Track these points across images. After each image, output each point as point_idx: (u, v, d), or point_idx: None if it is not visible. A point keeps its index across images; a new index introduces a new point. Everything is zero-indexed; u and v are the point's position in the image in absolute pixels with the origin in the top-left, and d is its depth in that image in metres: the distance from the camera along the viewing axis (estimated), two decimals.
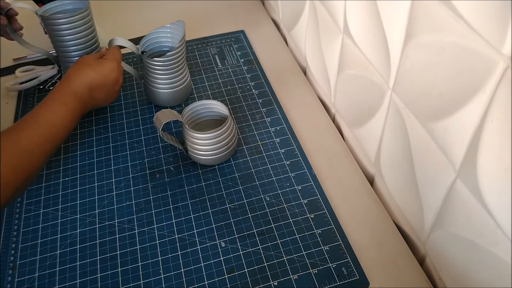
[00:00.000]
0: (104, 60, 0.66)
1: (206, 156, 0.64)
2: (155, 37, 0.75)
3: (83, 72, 0.63)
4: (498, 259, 0.40)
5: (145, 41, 0.74)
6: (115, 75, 0.66)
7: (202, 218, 0.61)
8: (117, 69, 0.66)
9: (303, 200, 0.62)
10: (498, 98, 0.36)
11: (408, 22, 0.45)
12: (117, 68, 0.66)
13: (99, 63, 0.65)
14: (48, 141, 0.56)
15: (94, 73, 0.63)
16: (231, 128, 0.65)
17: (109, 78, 0.65)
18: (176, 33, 0.74)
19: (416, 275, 0.55)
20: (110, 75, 0.65)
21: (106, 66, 0.65)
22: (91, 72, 0.63)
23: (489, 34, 0.35)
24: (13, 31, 0.75)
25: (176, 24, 0.74)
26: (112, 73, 0.65)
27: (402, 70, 0.50)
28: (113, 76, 0.65)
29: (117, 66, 0.66)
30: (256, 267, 0.56)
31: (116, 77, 0.66)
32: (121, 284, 0.55)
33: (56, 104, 0.59)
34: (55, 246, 0.59)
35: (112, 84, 0.66)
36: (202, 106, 0.68)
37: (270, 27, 0.96)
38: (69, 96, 0.61)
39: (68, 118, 0.59)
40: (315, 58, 0.78)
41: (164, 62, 0.70)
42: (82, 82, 0.62)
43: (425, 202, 0.52)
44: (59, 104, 0.59)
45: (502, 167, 0.37)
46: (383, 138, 0.59)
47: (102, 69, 0.64)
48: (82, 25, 0.72)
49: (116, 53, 0.68)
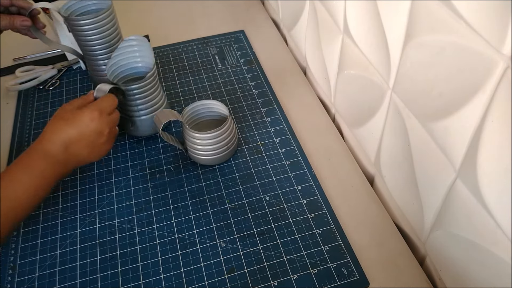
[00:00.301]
0: (83, 110, 0.58)
1: (206, 156, 0.64)
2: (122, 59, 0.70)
3: (57, 128, 0.56)
4: (498, 259, 0.40)
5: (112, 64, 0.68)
6: (95, 126, 0.57)
7: (202, 218, 0.61)
8: (98, 118, 0.57)
9: (303, 200, 0.62)
10: (498, 98, 0.36)
11: (408, 22, 0.45)
12: (98, 117, 0.58)
13: (75, 115, 0.57)
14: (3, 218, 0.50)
15: (70, 127, 0.56)
16: (231, 128, 0.65)
17: (88, 129, 0.57)
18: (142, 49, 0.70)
19: (416, 275, 0.55)
20: (89, 127, 0.57)
21: (83, 117, 0.57)
22: (66, 127, 0.56)
23: (489, 34, 0.35)
24: (36, 30, 0.75)
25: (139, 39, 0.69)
26: (92, 124, 0.57)
27: (402, 70, 0.50)
28: (93, 127, 0.57)
29: (98, 115, 0.57)
30: (256, 267, 0.56)
31: (96, 128, 0.57)
32: (121, 284, 0.55)
33: (20, 172, 0.53)
34: (55, 246, 0.59)
35: (94, 136, 0.57)
36: (202, 106, 0.68)
37: (270, 27, 0.96)
38: (39, 159, 0.54)
39: (32, 186, 0.52)
40: (315, 58, 0.78)
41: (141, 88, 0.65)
42: (56, 140, 0.55)
43: (425, 202, 0.52)
44: (23, 170, 0.53)
45: (502, 167, 0.37)
46: (383, 138, 0.59)
47: (79, 121, 0.56)
48: (106, 25, 0.71)
49: (101, 102, 0.60)
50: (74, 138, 0.56)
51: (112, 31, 0.73)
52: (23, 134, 0.74)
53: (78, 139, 0.56)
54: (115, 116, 0.62)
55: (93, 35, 0.71)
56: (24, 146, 0.72)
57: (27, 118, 0.77)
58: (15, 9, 0.75)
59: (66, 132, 0.56)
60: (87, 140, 0.57)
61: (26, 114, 0.78)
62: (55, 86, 0.83)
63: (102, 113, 0.58)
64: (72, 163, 0.57)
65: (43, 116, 0.77)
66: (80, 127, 0.56)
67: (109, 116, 0.60)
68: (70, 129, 0.56)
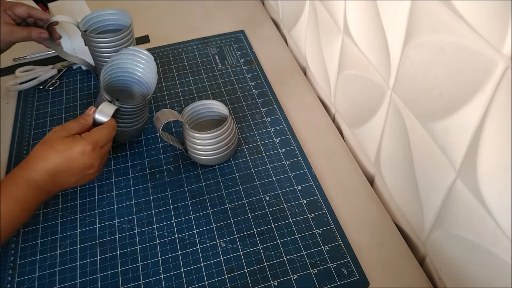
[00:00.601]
0: (76, 140, 0.54)
1: (206, 156, 0.64)
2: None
3: (44, 157, 0.53)
4: (498, 259, 0.40)
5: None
6: (84, 160, 0.54)
7: (202, 218, 0.61)
8: (90, 152, 0.55)
9: (303, 200, 0.62)
10: (498, 98, 0.36)
11: (408, 22, 0.45)
12: (90, 151, 0.55)
13: (67, 145, 0.54)
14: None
15: (58, 157, 0.53)
16: (231, 128, 0.65)
17: (78, 162, 0.54)
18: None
19: (416, 275, 0.55)
20: (79, 160, 0.54)
21: (75, 149, 0.54)
22: (55, 157, 0.53)
23: (489, 34, 0.35)
24: (52, 42, 0.75)
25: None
26: (82, 158, 0.54)
27: (402, 70, 0.50)
28: (83, 160, 0.54)
29: (90, 150, 0.55)
30: (256, 267, 0.56)
31: (87, 162, 0.55)
32: (121, 284, 0.55)
33: (2, 199, 0.50)
34: (55, 246, 0.59)
35: (83, 168, 0.55)
36: (202, 106, 0.68)
37: (270, 27, 0.96)
38: (22, 186, 0.52)
39: (14, 213, 0.51)
40: (315, 58, 0.78)
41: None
42: (41, 169, 0.53)
43: (425, 202, 0.52)
44: (4, 197, 0.50)
45: (502, 167, 0.37)
46: (383, 138, 0.59)
47: (69, 152, 0.53)
48: (125, 43, 0.70)
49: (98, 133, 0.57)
50: (62, 168, 0.53)
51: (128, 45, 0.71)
52: (23, 134, 0.74)
53: (65, 169, 0.54)
54: (107, 148, 0.59)
55: (110, 52, 0.70)
56: (24, 146, 0.72)
57: (27, 118, 0.77)
58: (32, 20, 0.75)
59: (53, 162, 0.53)
60: (75, 170, 0.55)
61: (26, 114, 0.78)
62: (55, 86, 0.83)
63: (95, 147, 0.55)
64: (57, 189, 0.55)
65: (43, 116, 0.77)
66: (70, 159, 0.54)
67: (102, 149, 0.57)
68: (58, 159, 0.53)
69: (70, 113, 0.77)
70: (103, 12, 0.73)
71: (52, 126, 0.75)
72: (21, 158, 0.70)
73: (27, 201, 0.52)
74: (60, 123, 0.75)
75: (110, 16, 0.73)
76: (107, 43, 0.68)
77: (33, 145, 0.72)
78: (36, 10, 0.74)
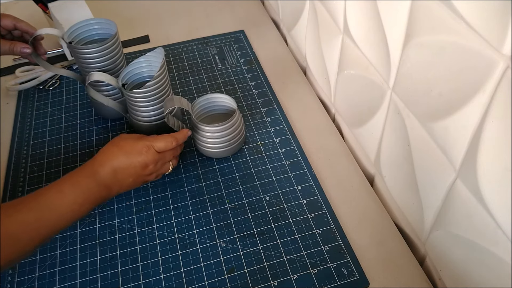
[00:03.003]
0: (139, 139, 0.60)
1: (216, 149, 0.65)
2: (136, 68, 0.68)
3: (110, 153, 0.57)
4: (498, 259, 0.40)
5: (126, 73, 0.67)
6: (141, 159, 0.58)
7: (202, 218, 0.61)
8: (146, 152, 0.59)
9: (303, 200, 0.62)
10: (498, 98, 0.36)
11: (408, 22, 0.45)
12: (146, 151, 0.59)
13: (129, 145, 0.59)
14: (43, 227, 0.49)
15: (121, 155, 0.58)
16: (239, 121, 0.66)
17: (136, 160, 0.58)
18: (156, 61, 0.68)
19: (416, 275, 0.55)
20: (137, 158, 0.58)
21: (136, 147, 0.59)
22: (118, 154, 0.57)
23: (489, 34, 0.35)
24: (37, 56, 0.72)
25: (157, 51, 0.67)
26: (140, 156, 0.58)
27: (402, 70, 0.50)
28: (140, 158, 0.58)
29: (146, 150, 0.59)
30: (256, 267, 0.56)
31: (142, 161, 0.58)
32: (121, 284, 0.55)
33: (68, 184, 0.53)
34: (55, 246, 0.59)
35: (139, 167, 0.58)
36: (208, 100, 0.68)
37: (270, 27, 0.96)
38: (88, 177, 0.55)
39: (78, 201, 0.52)
40: (315, 58, 0.78)
41: (145, 93, 0.63)
42: (107, 164, 0.56)
43: (425, 202, 0.52)
44: (71, 184, 0.53)
45: (502, 167, 0.37)
46: (383, 138, 0.59)
47: (131, 150, 0.58)
48: (111, 52, 0.68)
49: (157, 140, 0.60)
50: (123, 165, 0.57)
51: (117, 58, 0.70)
52: (23, 134, 0.74)
53: (126, 167, 0.57)
54: (165, 157, 0.62)
55: (97, 63, 0.68)
56: (24, 146, 0.72)
57: (27, 118, 0.77)
58: (18, 32, 0.74)
59: (117, 158, 0.57)
60: (133, 170, 0.58)
61: (26, 114, 0.78)
62: (55, 86, 0.83)
63: (150, 148, 0.59)
64: (116, 188, 0.57)
65: (43, 116, 0.77)
66: (130, 154, 0.58)
67: (158, 154, 0.60)
68: (121, 156, 0.57)
69: (70, 113, 0.77)
70: (88, 22, 0.70)
71: (52, 126, 0.75)
72: (21, 158, 0.70)
73: (91, 193, 0.54)
74: (60, 123, 0.76)
75: (95, 26, 0.71)
76: (93, 54, 0.67)
77: (33, 145, 0.72)
78: (23, 23, 0.73)
